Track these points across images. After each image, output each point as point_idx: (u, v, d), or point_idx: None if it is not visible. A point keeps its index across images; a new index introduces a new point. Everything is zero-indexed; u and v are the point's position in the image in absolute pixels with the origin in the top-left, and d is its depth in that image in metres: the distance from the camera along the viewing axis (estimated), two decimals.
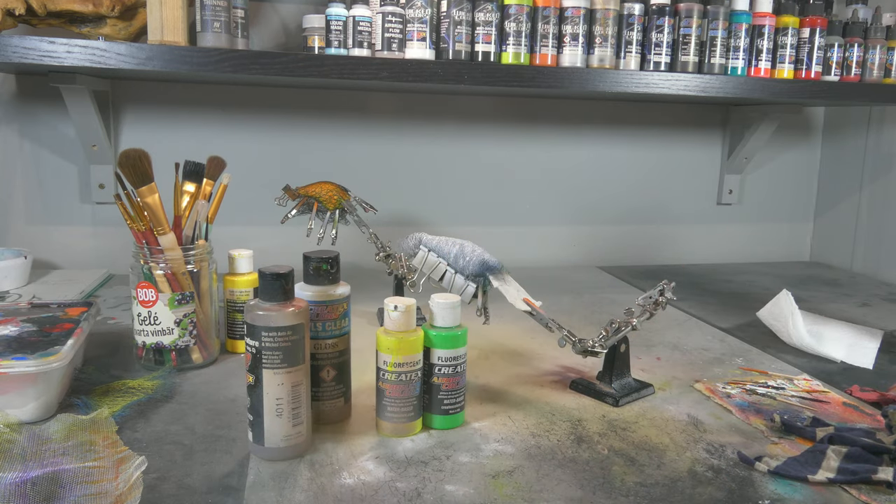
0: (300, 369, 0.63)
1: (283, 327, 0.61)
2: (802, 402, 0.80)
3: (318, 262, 0.69)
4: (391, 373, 0.67)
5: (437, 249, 0.80)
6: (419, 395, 0.69)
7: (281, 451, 0.63)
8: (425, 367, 0.69)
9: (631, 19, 1.17)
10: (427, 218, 1.48)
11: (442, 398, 0.69)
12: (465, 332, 0.69)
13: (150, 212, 0.81)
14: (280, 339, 0.61)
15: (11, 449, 0.63)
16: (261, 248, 1.04)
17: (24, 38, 0.94)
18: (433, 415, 0.70)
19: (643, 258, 1.61)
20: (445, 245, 0.80)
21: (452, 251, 0.79)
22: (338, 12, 1.08)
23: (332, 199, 1.02)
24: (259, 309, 0.61)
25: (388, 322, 0.67)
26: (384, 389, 0.68)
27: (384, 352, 0.67)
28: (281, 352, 0.61)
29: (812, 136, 1.68)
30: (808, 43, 1.27)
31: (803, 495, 0.60)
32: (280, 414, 0.62)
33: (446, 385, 0.69)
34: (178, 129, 1.34)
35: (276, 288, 0.62)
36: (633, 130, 1.56)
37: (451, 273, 0.79)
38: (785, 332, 1.01)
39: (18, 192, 1.31)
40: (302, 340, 0.62)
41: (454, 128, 1.47)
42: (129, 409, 0.72)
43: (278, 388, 0.61)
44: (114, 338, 0.95)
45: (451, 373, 0.69)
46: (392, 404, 0.68)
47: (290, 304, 0.62)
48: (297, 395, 0.62)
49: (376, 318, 1.07)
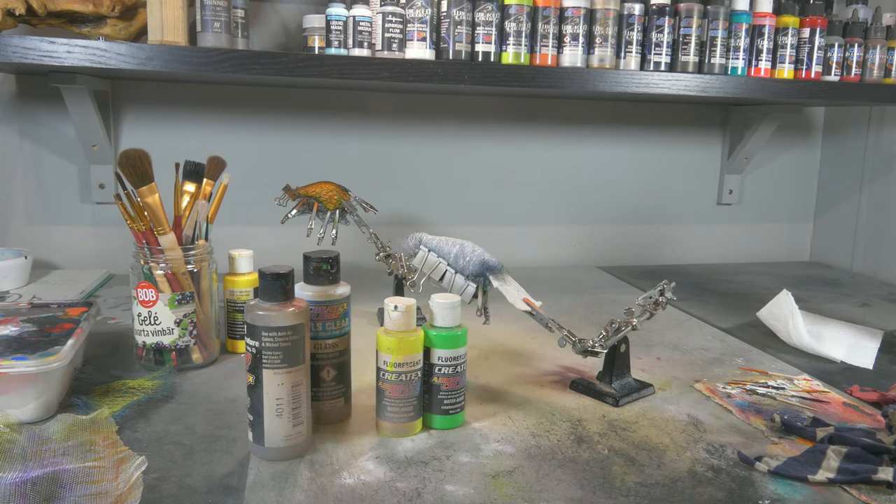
0: (300, 369, 0.63)
1: (283, 327, 0.61)
2: (802, 402, 0.80)
3: (319, 262, 0.69)
4: (391, 373, 0.67)
5: (437, 249, 0.80)
6: (419, 395, 0.69)
7: (281, 450, 0.63)
8: (425, 367, 0.69)
9: (631, 19, 1.17)
10: (427, 218, 1.48)
11: (442, 398, 0.69)
12: (465, 332, 0.69)
13: (150, 212, 0.81)
14: (280, 339, 0.61)
15: (11, 449, 0.63)
16: (261, 248, 1.04)
17: (24, 38, 0.94)
18: (433, 415, 0.70)
19: (643, 258, 1.61)
20: (445, 245, 0.80)
21: (452, 251, 0.79)
22: (338, 12, 1.08)
23: (333, 199, 1.02)
24: (259, 309, 0.61)
25: (388, 322, 0.67)
26: (384, 389, 0.68)
27: (384, 352, 0.67)
28: (281, 352, 0.61)
29: (812, 136, 1.68)
30: (809, 43, 1.27)
31: (803, 495, 0.60)
32: (280, 414, 0.62)
33: (446, 385, 0.69)
34: (178, 129, 1.34)
35: (276, 288, 0.62)
36: (633, 130, 1.56)
37: (451, 273, 0.79)
38: (785, 332, 1.01)
39: (18, 192, 1.31)
40: (302, 340, 0.62)
41: (454, 128, 1.47)
42: (129, 409, 0.72)
43: (278, 389, 0.61)
44: (114, 338, 0.95)
45: (452, 373, 0.69)
46: (392, 404, 0.68)
47: (290, 304, 0.62)
48: (297, 396, 0.62)
49: (376, 317, 1.07)
